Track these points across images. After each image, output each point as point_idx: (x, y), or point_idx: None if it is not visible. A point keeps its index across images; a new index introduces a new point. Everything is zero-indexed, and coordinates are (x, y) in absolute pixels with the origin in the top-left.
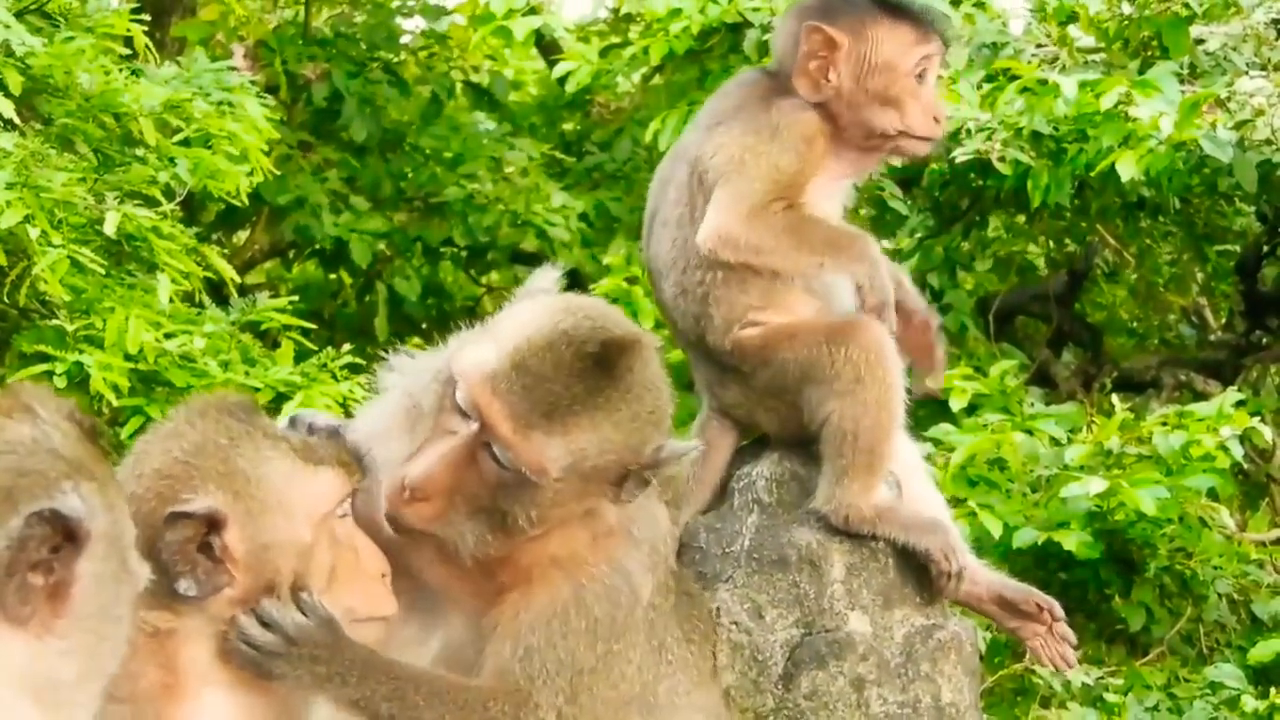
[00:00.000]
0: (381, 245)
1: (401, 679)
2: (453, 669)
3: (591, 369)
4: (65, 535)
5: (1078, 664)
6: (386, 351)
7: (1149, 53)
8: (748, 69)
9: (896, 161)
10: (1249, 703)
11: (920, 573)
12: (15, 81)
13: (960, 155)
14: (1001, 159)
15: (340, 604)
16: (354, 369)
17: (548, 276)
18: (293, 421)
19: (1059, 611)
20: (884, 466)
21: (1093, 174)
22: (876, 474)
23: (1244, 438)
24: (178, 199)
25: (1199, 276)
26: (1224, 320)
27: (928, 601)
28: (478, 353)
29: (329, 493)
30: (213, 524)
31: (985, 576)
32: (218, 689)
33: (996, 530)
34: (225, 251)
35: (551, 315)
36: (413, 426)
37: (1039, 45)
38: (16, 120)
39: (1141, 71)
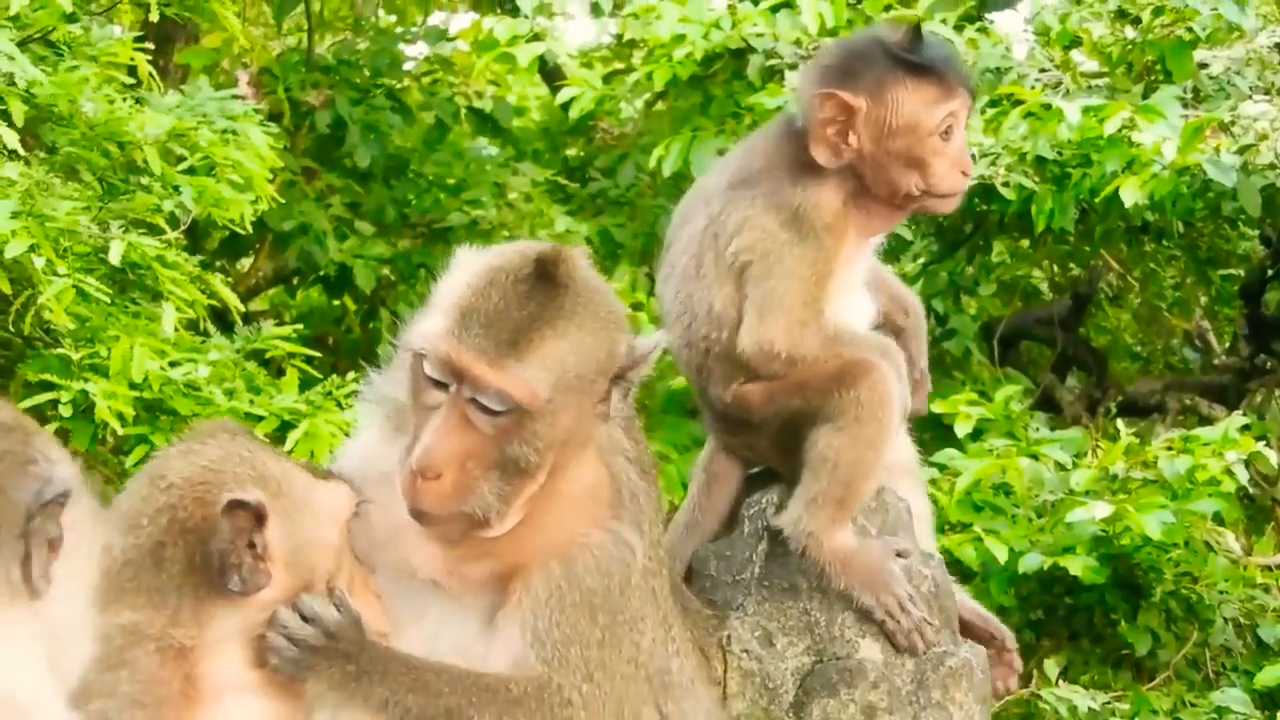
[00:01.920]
0: (385, 271)
1: (421, 669)
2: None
3: (536, 286)
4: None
5: (1083, 690)
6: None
7: (1152, 77)
8: (782, 117)
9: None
10: None
11: (930, 599)
12: (19, 111)
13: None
14: (1005, 184)
15: None
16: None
17: (467, 252)
18: None
19: (1011, 643)
20: (855, 504)
21: (1096, 199)
22: (846, 509)
23: (1249, 462)
24: (182, 227)
25: (1203, 300)
26: (1228, 344)
27: (938, 628)
28: (427, 322)
29: (345, 502)
30: (259, 518)
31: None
32: (239, 695)
33: (1002, 555)
34: (229, 279)
35: (481, 261)
36: (399, 429)
37: (1042, 70)
38: (20, 150)
39: (1145, 96)
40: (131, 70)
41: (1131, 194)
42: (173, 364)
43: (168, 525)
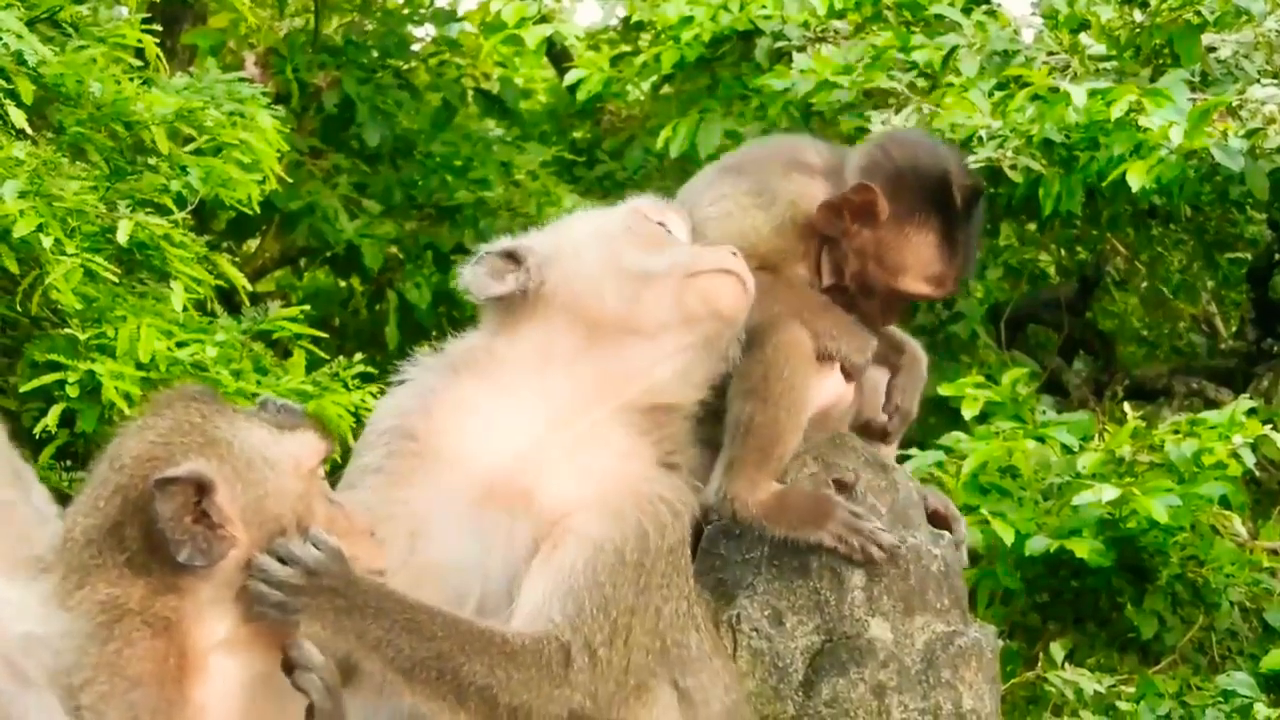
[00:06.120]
0: (393, 250)
1: (416, 609)
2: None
3: None
4: None
5: (1088, 673)
6: (398, 359)
7: (1160, 61)
8: (807, 136)
9: None
10: (1261, 711)
11: (940, 579)
12: (27, 91)
13: (971, 163)
14: (1013, 167)
15: None
16: (365, 378)
17: None
18: (262, 404)
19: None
20: (773, 464)
21: (1104, 182)
22: (764, 470)
23: (1256, 446)
24: (189, 207)
25: (1210, 284)
26: (1235, 328)
27: (948, 607)
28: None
29: (310, 449)
30: (201, 489)
31: None
32: (227, 658)
33: (1008, 538)
34: (236, 259)
35: None
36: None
37: (1050, 53)
38: (28, 129)
39: (1153, 79)
40: (139, 51)
41: (1138, 178)
42: (180, 344)
43: (122, 505)
